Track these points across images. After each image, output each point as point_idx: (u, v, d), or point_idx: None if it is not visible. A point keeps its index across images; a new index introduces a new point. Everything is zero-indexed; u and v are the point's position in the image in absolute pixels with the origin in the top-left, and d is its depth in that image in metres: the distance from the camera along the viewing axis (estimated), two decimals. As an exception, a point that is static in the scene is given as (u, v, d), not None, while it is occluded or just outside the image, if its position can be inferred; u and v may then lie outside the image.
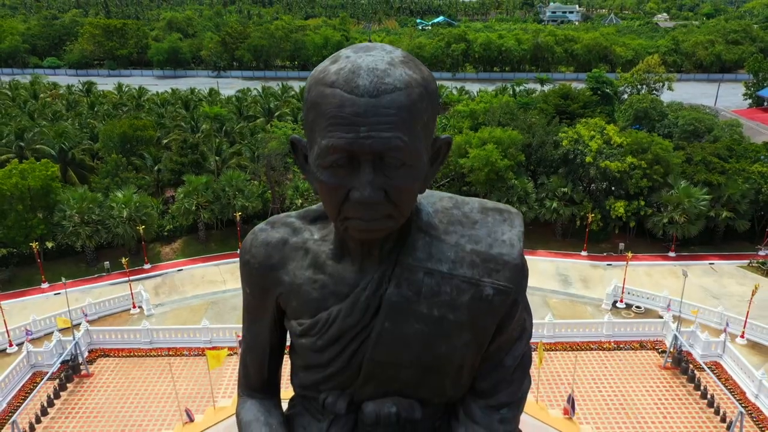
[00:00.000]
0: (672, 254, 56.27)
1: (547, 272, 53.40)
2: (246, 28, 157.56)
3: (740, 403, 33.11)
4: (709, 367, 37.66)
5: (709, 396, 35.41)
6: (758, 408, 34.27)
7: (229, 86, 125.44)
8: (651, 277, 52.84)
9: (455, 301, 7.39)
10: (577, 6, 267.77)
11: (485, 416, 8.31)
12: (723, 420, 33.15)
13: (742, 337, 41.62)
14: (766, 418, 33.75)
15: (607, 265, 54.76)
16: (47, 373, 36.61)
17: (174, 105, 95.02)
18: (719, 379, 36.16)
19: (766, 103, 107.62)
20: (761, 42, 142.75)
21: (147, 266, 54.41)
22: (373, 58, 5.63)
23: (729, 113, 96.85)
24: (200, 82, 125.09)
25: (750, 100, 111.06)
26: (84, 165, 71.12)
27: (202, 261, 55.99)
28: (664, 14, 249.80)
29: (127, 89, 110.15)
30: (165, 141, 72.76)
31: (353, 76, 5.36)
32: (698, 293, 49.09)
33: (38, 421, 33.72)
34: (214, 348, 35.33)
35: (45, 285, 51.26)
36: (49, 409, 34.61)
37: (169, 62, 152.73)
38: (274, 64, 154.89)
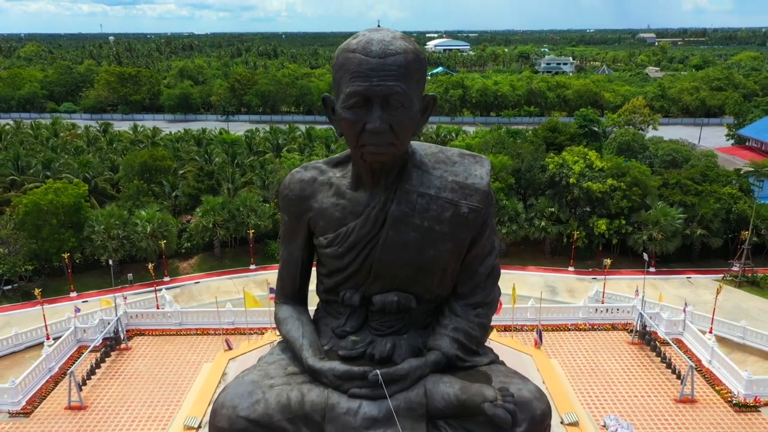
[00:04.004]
0: (652, 269, 60.67)
1: (536, 284, 57.68)
2: (254, 75, 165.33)
3: (696, 368, 37.51)
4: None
5: (667, 360, 39.78)
6: (711, 371, 38.81)
7: (238, 129, 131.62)
8: (632, 289, 56.96)
9: (440, 216, 12.51)
10: (570, 58, 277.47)
11: (464, 311, 13.45)
12: (678, 377, 37.50)
13: (710, 332, 45.83)
14: (716, 377, 38.25)
15: (592, 278, 59.09)
16: (90, 346, 41.12)
17: (187, 142, 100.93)
18: (679, 349, 40.72)
19: (748, 142, 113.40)
20: (744, 89, 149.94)
21: (167, 279, 58.85)
22: (381, 35, 10.86)
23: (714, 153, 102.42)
24: (210, 126, 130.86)
25: (732, 140, 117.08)
26: (106, 193, 76.14)
27: (217, 275, 60.43)
28: (655, 67, 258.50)
29: (141, 129, 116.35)
30: (181, 172, 78.07)
31: (368, 44, 10.44)
32: (675, 302, 53.09)
33: (88, 377, 38.43)
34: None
35: (74, 294, 55.64)
36: (96, 370, 39.40)
37: (180, 107, 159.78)
38: (280, 110, 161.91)
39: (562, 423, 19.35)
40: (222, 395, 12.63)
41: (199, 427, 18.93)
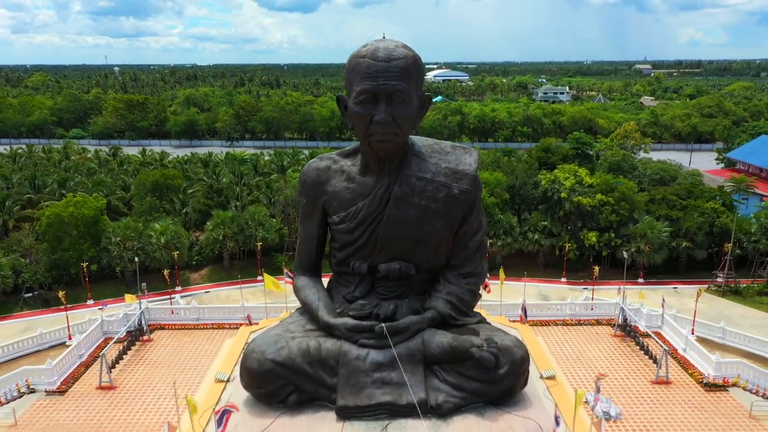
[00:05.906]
0: (641, 280, 63.66)
1: (529, 294, 60.32)
2: (258, 103, 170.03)
3: (672, 355, 40.83)
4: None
5: (646, 348, 42.74)
6: (685, 358, 41.82)
7: (243, 154, 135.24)
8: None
9: (435, 196, 16.28)
10: (567, 88, 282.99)
11: (457, 280, 17.17)
12: (655, 362, 40.35)
13: (693, 333, 48.66)
14: (688, 362, 41.33)
15: (584, 288, 62.06)
16: (114, 338, 44.23)
17: (195, 164, 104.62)
18: (658, 340, 43.66)
19: (737, 165, 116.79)
20: (734, 115, 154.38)
21: (178, 288, 61.84)
22: (386, 43, 14.70)
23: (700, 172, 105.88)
24: (215, 151, 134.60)
25: (722, 164, 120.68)
26: (119, 211, 79.40)
27: (226, 285, 63.42)
28: (650, 96, 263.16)
29: (150, 153, 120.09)
30: (190, 191, 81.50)
31: (375, 51, 14.35)
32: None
33: (116, 362, 41.41)
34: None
35: (90, 302, 58.56)
36: (123, 356, 42.43)
37: (186, 133, 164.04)
38: (283, 136, 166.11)
39: (541, 377, 22.40)
40: (251, 344, 15.88)
41: (228, 380, 21.95)
